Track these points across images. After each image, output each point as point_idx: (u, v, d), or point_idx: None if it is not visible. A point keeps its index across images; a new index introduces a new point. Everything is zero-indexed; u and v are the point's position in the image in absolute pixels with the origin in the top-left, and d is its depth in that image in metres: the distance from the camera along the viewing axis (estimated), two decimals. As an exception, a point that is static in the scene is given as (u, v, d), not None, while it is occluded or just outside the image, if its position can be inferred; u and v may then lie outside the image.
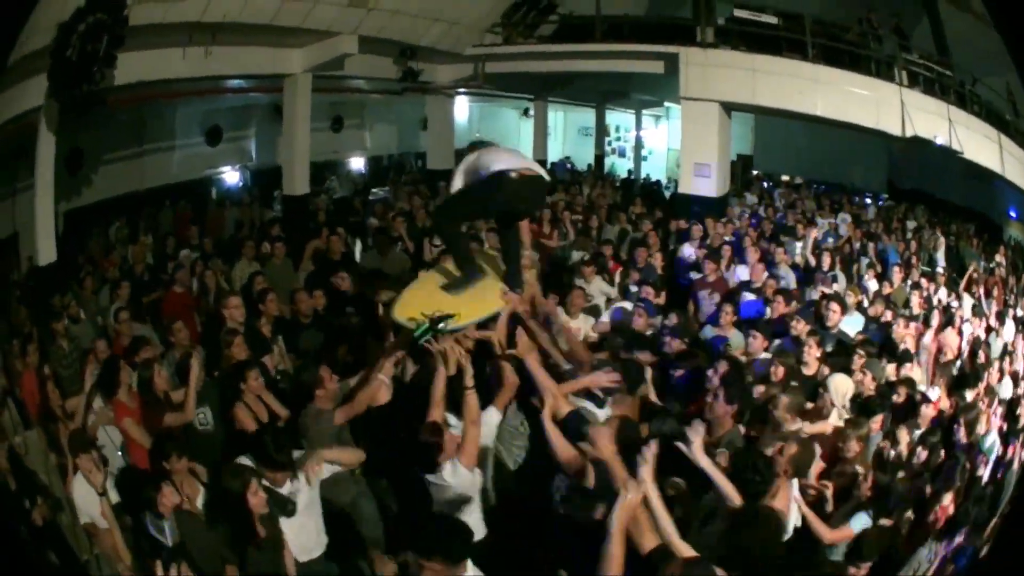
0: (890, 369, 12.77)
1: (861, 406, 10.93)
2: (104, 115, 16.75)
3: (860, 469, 9.27)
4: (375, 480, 9.60)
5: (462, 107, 29.91)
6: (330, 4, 17.78)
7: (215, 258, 16.06)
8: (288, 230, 17.62)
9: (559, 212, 20.09)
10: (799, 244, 19.56)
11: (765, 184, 32.10)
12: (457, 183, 9.77)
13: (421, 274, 11.43)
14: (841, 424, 10.40)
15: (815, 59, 21.04)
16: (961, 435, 11.52)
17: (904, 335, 14.35)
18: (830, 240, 20.88)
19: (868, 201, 29.89)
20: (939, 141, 19.63)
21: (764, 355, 12.10)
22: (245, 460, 7.95)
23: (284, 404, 10.07)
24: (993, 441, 11.87)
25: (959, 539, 9.43)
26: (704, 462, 7.45)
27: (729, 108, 22.79)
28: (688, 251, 18.14)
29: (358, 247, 18.00)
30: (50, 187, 14.06)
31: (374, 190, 26.02)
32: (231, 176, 23.82)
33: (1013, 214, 24.62)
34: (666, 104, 34.17)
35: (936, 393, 12.65)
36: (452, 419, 8.71)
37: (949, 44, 22.21)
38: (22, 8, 10.71)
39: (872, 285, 17.84)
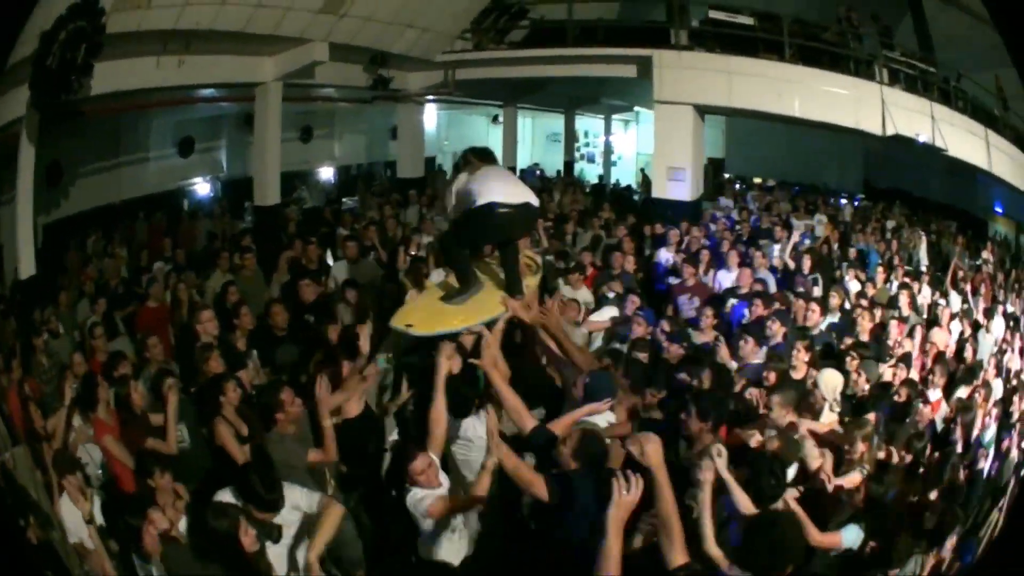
0: (886, 370, 12.98)
1: (857, 406, 11.37)
2: (81, 126, 16.70)
3: (867, 469, 9.29)
4: (348, 497, 9.58)
5: (431, 115, 29.95)
6: (302, 11, 17.76)
7: (187, 271, 16.02)
8: (259, 241, 17.72)
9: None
10: (776, 247, 19.57)
11: (737, 187, 32.17)
12: (450, 203, 10.32)
13: (428, 284, 12.08)
14: (835, 419, 10.72)
15: (792, 59, 21.05)
16: (958, 435, 11.61)
17: (898, 337, 14.52)
18: (807, 242, 20.84)
19: (844, 201, 30.04)
20: (922, 139, 19.69)
21: (756, 360, 12.21)
22: (228, 496, 7.74)
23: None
24: (992, 436, 11.91)
25: (950, 542, 9.25)
26: (724, 473, 7.55)
27: (703, 111, 22.78)
28: (665, 256, 18.22)
29: (329, 257, 17.84)
30: (30, 199, 13.86)
31: (344, 200, 26.00)
32: (203, 187, 23.72)
33: (999, 209, 24.71)
34: (636, 109, 34.40)
35: (936, 394, 12.66)
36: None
37: (933, 40, 22.31)
38: (22, 8, 10.65)
39: (853, 286, 17.91)
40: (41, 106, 12.95)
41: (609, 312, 13.00)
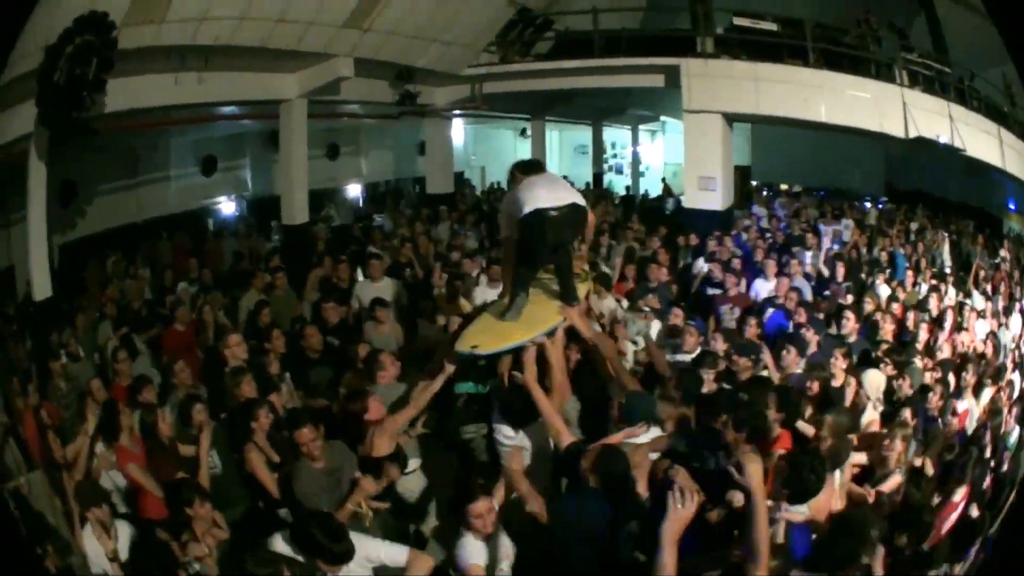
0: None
1: (898, 410, 10.79)
2: (97, 145, 16.32)
3: (904, 471, 9.27)
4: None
5: (458, 129, 29.79)
6: (324, 25, 17.44)
7: (214, 291, 15.84)
8: (288, 260, 17.43)
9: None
10: (808, 253, 19.23)
11: (764, 194, 31.86)
12: (503, 224, 10.31)
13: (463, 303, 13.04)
14: (876, 417, 10.74)
15: (817, 64, 20.77)
16: (987, 439, 11.47)
17: (930, 339, 14.50)
18: (835, 247, 20.64)
19: (868, 205, 29.73)
20: (943, 140, 19.46)
21: (797, 370, 11.89)
22: (280, 544, 7.23)
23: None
24: (1016, 438, 11.79)
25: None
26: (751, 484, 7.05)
27: (732, 119, 22.56)
28: (702, 266, 17.72)
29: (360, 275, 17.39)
30: (43, 219, 13.59)
31: (375, 217, 25.76)
32: (227, 206, 23.55)
33: (1012, 206, 24.57)
34: (662, 118, 34.25)
35: (965, 404, 12.37)
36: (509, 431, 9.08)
37: (946, 40, 22.14)
38: (22, 8, 10.41)
39: (883, 291, 17.52)
40: (50, 123, 12.58)
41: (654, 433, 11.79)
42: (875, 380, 11.32)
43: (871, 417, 10.71)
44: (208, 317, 14.20)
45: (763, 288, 16.36)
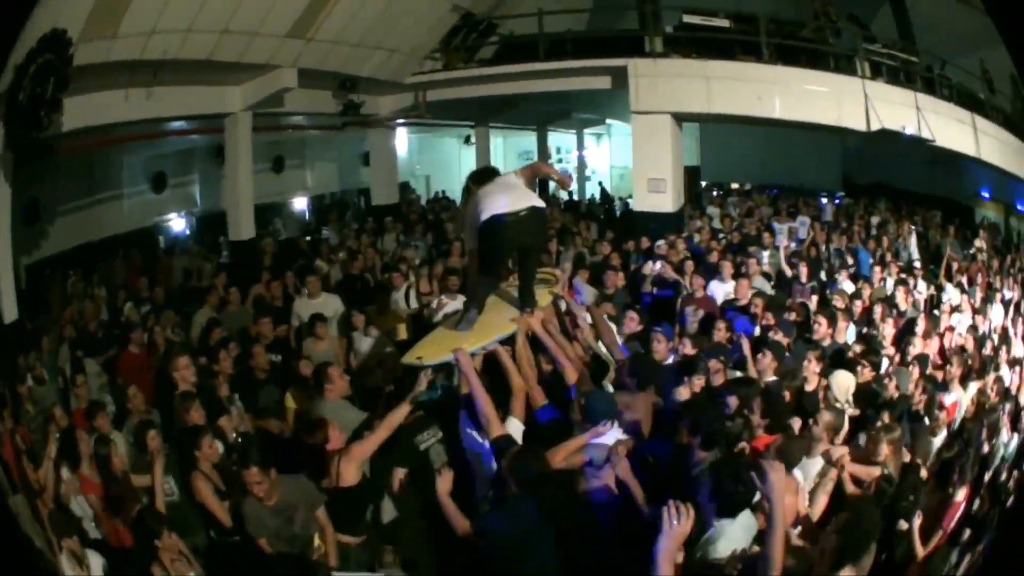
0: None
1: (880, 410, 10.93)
2: (56, 163, 16.54)
3: (892, 471, 9.18)
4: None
5: (402, 139, 29.91)
6: (269, 36, 17.59)
7: (166, 310, 15.83)
8: (236, 276, 17.55)
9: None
10: (766, 253, 19.22)
11: (716, 194, 32.37)
12: (467, 238, 10.93)
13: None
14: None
15: (771, 60, 20.96)
16: (983, 437, 11.25)
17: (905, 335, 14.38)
18: (793, 245, 20.73)
19: (824, 200, 29.90)
20: (908, 131, 19.59)
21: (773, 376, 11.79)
22: None
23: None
24: (1016, 445, 11.41)
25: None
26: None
27: (682, 119, 22.67)
28: (653, 266, 17.45)
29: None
30: (8, 240, 13.58)
31: (323, 229, 25.87)
32: (178, 223, 23.57)
33: (986, 194, 24.74)
34: (608, 121, 34.45)
35: (952, 397, 12.39)
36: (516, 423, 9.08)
37: (913, 28, 22.30)
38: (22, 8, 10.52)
39: (847, 287, 17.49)
40: (12, 144, 12.63)
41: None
42: (844, 382, 11.29)
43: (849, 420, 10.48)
44: (159, 338, 14.16)
45: (719, 290, 16.41)
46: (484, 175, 10.52)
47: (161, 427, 10.57)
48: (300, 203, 28.82)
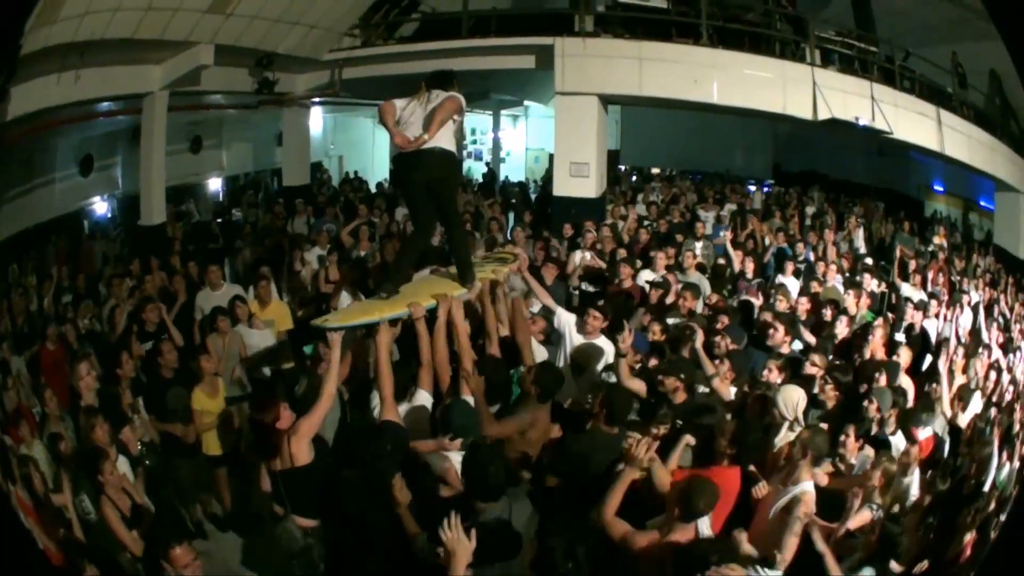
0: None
1: (874, 440, 10.69)
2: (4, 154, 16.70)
3: (880, 506, 9.00)
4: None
5: (316, 118, 30.14)
6: (189, 11, 17.75)
7: (86, 300, 15.78)
8: (146, 262, 17.44)
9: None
10: (699, 244, 19.36)
11: (634, 179, 32.76)
12: None
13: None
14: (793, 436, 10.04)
15: (710, 43, 21.08)
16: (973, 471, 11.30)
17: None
18: (722, 234, 20.69)
19: (752, 188, 30.09)
20: (862, 122, 19.85)
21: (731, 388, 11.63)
22: None
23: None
24: (1008, 473, 11.25)
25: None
26: None
27: (609, 101, 22.92)
28: (580, 257, 17.47)
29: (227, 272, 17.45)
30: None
31: (234, 211, 26.06)
32: (101, 206, 23.55)
33: (940, 187, 25.22)
34: (526, 103, 34.52)
35: (926, 432, 11.71)
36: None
37: (875, 17, 22.56)
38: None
39: (791, 284, 17.23)
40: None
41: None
42: (792, 396, 10.57)
43: (787, 439, 10.14)
44: (69, 334, 14.00)
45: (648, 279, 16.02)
46: (432, 81, 10.40)
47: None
48: (215, 184, 28.78)
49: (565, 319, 12.30)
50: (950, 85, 22.08)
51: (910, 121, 20.60)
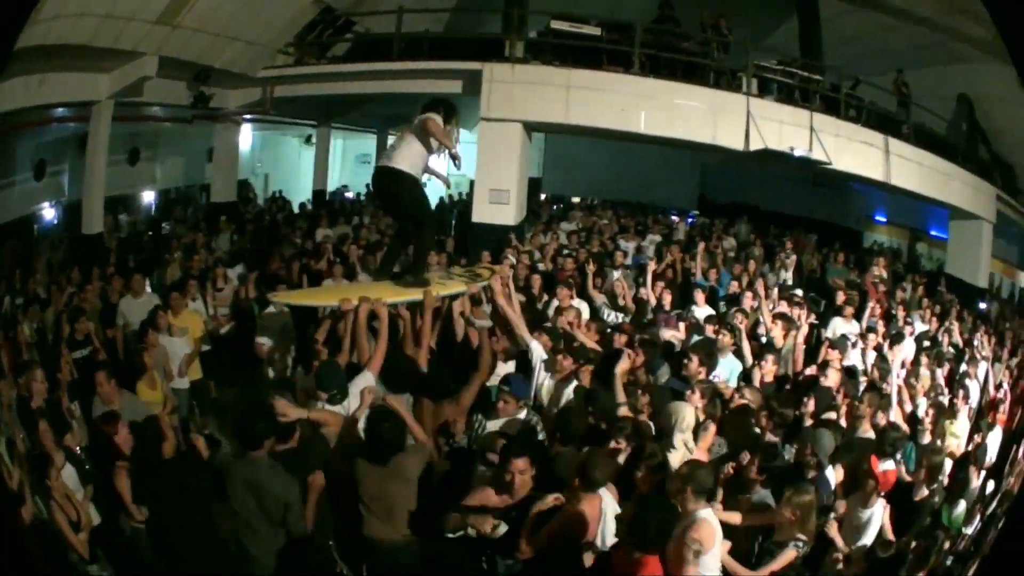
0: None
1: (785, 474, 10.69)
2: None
3: (805, 543, 9.18)
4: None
5: (246, 135, 30.56)
6: (141, 21, 18.37)
7: (34, 305, 16.14)
8: (85, 271, 18.09)
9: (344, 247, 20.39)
10: (617, 272, 19.69)
11: (554, 208, 32.83)
12: None
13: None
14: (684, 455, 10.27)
15: (641, 71, 21.85)
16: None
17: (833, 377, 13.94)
18: (641, 262, 21.05)
19: (675, 218, 30.48)
20: (798, 153, 20.58)
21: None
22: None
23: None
24: (962, 511, 11.27)
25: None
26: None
27: (533, 129, 23.62)
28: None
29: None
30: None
31: (164, 225, 26.43)
32: (49, 212, 23.89)
33: (882, 218, 26.07)
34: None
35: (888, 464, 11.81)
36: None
37: (827, 46, 23.48)
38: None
39: (701, 314, 17.31)
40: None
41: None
42: (683, 412, 10.79)
43: (679, 456, 10.23)
44: (22, 337, 14.33)
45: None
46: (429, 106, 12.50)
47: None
48: (148, 196, 29.10)
49: (537, 354, 12.52)
50: (897, 110, 22.97)
51: (853, 151, 21.44)
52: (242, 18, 21.31)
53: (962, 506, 11.27)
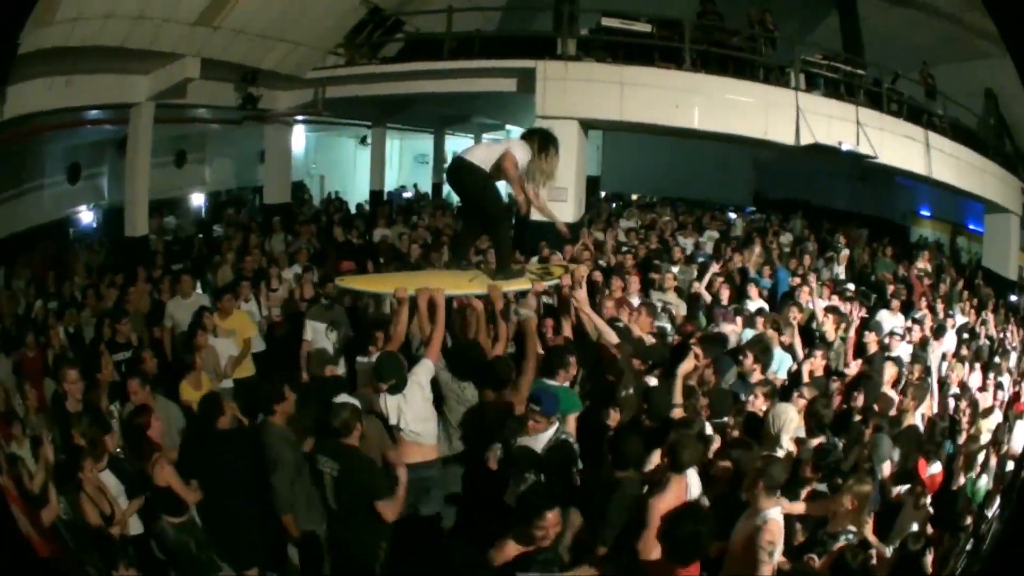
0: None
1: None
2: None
3: (853, 529, 8.75)
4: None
5: (299, 136, 30.32)
6: (177, 23, 17.98)
7: (70, 308, 15.84)
8: (130, 274, 17.70)
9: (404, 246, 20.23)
10: (675, 268, 19.13)
11: (613, 205, 32.10)
12: None
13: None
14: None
15: (693, 67, 21.32)
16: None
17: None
18: (700, 259, 20.36)
19: (733, 215, 30.01)
20: (845, 147, 20.08)
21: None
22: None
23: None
24: (984, 485, 11.38)
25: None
26: None
27: (589, 126, 23.13)
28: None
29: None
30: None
31: (215, 227, 26.12)
32: (87, 216, 23.69)
33: (927, 212, 25.46)
34: (508, 127, 34.82)
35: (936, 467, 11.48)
36: None
37: (868, 41, 22.96)
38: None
39: (754, 308, 16.74)
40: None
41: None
42: (790, 414, 10.59)
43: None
44: (55, 340, 14.20)
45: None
46: (528, 135, 12.18)
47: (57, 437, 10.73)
48: (198, 199, 28.95)
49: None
50: (932, 104, 22.40)
51: (896, 145, 20.90)
52: (287, 19, 20.91)
53: (984, 480, 11.42)
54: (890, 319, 17.70)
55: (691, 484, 8.55)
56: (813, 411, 11.22)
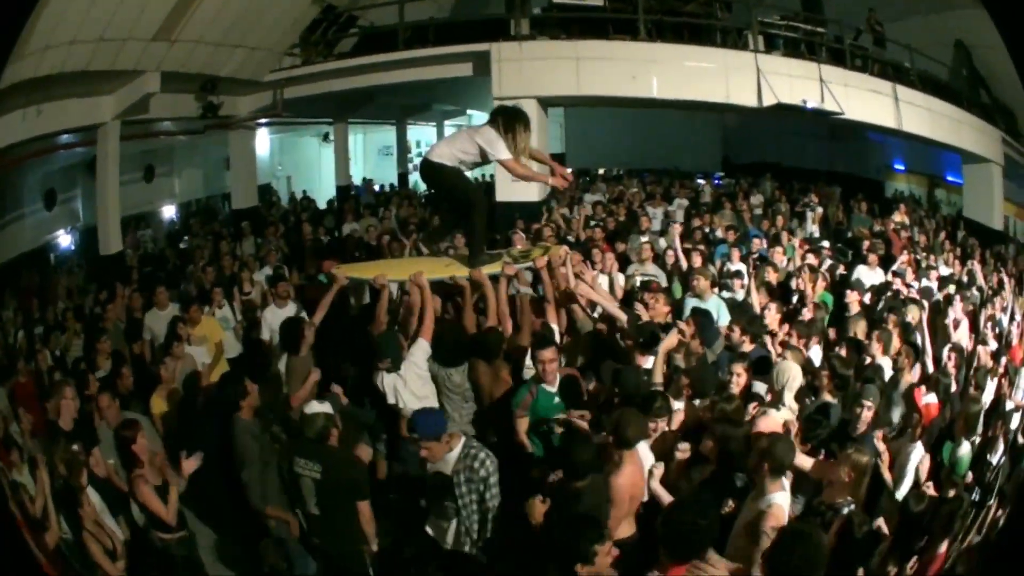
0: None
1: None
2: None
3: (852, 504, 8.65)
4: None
5: (263, 140, 30.67)
6: (137, 40, 18.40)
7: (55, 332, 16.44)
8: (110, 291, 18.31)
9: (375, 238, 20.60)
10: (643, 238, 19.61)
11: (581, 180, 32.10)
12: None
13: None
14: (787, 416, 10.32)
15: (648, 37, 21.76)
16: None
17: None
18: (671, 227, 20.48)
19: (701, 181, 30.63)
20: (810, 105, 20.57)
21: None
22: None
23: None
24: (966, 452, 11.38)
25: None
26: None
27: (548, 104, 23.52)
28: None
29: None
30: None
31: (185, 238, 26.50)
32: (64, 239, 23.71)
33: (900, 166, 25.93)
34: (469, 112, 35.23)
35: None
36: None
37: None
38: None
39: (737, 269, 17.20)
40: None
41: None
42: (793, 371, 10.80)
43: (781, 417, 10.24)
44: (43, 364, 14.78)
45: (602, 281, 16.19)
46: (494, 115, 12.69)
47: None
48: (169, 211, 28.95)
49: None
50: (906, 60, 22.69)
51: (863, 100, 21.35)
52: (242, 26, 21.29)
53: (966, 447, 11.40)
54: (869, 274, 18.00)
55: (643, 457, 9.09)
56: (830, 366, 11.54)
